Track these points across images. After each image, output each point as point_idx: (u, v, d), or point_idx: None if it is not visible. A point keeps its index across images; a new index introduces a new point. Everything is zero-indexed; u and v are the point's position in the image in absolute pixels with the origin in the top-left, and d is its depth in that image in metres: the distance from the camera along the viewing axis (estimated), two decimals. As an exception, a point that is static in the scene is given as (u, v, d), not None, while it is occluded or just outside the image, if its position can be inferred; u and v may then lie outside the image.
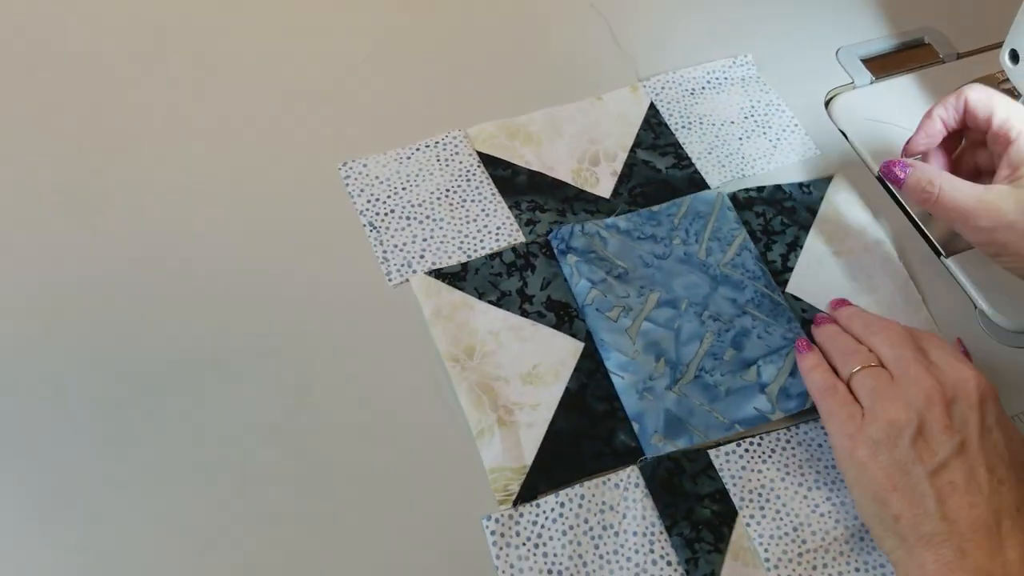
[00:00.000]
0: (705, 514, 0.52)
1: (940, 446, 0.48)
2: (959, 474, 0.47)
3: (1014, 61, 0.61)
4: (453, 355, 0.56)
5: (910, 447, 0.48)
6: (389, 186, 0.63)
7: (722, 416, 0.55)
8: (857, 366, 0.53)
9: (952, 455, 0.48)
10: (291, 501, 0.51)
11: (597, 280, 0.59)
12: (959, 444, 0.48)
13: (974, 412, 0.49)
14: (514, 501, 0.52)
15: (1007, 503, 0.47)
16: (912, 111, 0.71)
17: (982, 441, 0.49)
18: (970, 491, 0.47)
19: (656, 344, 0.57)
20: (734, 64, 0.72)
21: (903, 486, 0.48)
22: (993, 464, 0.48)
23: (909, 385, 0.50)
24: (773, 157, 0.68)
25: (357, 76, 0.70)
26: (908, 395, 0.50)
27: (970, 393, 0.50)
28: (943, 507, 0.47)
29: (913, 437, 0.48)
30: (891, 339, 0.53)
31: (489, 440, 0.53)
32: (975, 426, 0.49)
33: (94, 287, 0.57)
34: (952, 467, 0.48)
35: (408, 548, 0.50)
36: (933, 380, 0.50)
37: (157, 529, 0.50)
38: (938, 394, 0.49)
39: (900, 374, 0.51)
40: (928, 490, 0.47)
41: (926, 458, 0.48)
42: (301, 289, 0.59)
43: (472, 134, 0.67)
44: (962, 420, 0.49)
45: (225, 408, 0.54)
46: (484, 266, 0.60)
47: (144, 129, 0.65)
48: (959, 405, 0.49)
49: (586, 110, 0.69)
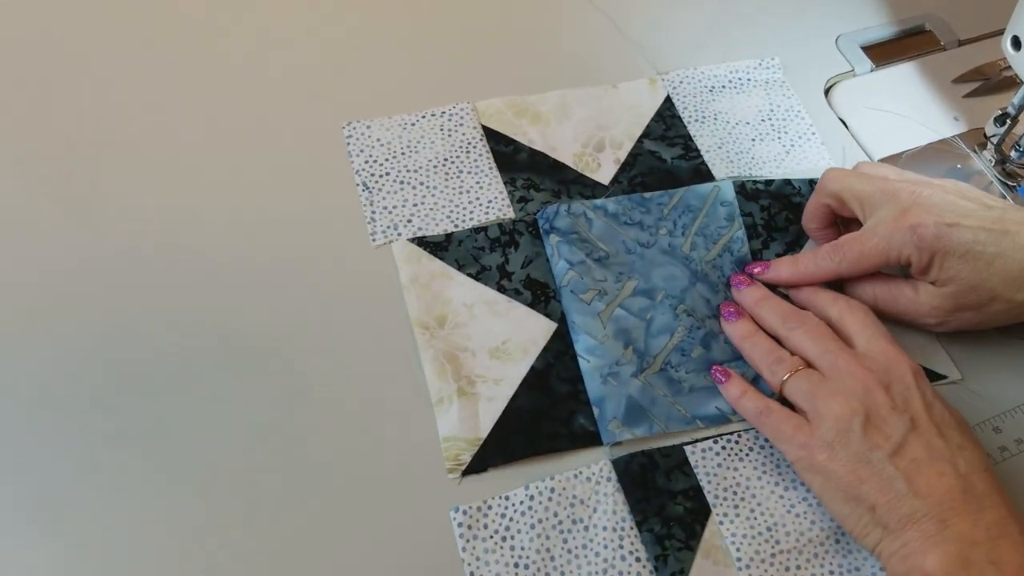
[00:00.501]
0: (677, 511, 0.52)
1: (892, 428, 0.48)
2: (919, 449, 0.47)
3: (1016, 48, 0.60)
4: (423, 322, 0.56)
5: (863, 437, 0.48)
6: (388, 149, 0.64)
7: (684, 410, 0.55)
8: (785, 373, 0.52)
9: (907, 433, 0.48)
10: (240, 449, 0.52)
11: (576, 261, 0.59)
12: (909, 421, 0.48)
13: (913, 390, 0.49)
14: (463, 471, 0.52)
15: (974, 465, 0.47)
16: (913, 99, 0.70)
17: (929, 414, 0.49)
18: (934, 462, 0.47)
19: (627, 332, 0.57)
20: (759, 66, 0.71)
21: (869, 476, 0.47)
22: (947, 433, 0.48)
23: (843, 378, 0.50)
24: (784, 162, 0.66)
25: (374, 42, 0.70)
26: (845, 388, 0.49)
27: (904, 373, 0.50)
28: (913, 484, 0.46)
29: (863, 426, 0.48)
30: (811, 333, 0.53)
31: (447, 409, 0.54)
32: (919, 402, 0.49)
33: (82, 274, 0.58)
34: (910, 445, 0.47)
35: (357, 520, 0.51)
36: (865, 369, 0.50)
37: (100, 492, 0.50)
38: (874, 380, 0.49)
39: (830, 369, 0.51)
40: (894, 472, 0.47)
41: (882, 443, 0.48)
42: (285, 242, 0.60)
43: (480, 108, 0.67)
44: (904, 399, 0.49)
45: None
46: (468, 238, 0.60)
47: (146, 90, 0.66)
48: (897, 386, 0.49)
49: (599, 96, 0.69)
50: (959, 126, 0.69)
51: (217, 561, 0.49)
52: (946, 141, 0.68)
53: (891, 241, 0.54)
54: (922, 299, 0.56)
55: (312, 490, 0.51)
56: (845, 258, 0.56)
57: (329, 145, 0.64)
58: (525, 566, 0.49)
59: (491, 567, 0.49)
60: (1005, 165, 0.66)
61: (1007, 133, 0.66)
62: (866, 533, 0.48)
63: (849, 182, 0.57)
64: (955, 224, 0.53)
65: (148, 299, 0.57)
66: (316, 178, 0.62)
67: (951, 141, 0.68)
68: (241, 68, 0.68)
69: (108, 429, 0.52)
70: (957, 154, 0.68)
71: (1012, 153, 0.65)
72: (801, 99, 0.70)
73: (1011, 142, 0.66)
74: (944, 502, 0.46)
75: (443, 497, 0.51)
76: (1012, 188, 0.66)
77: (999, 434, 0.56)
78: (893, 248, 0.54)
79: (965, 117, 0.69)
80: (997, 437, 0.56)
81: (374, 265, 0.59)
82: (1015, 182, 0.66)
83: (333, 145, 0.64)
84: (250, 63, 0.68)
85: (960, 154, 0.68)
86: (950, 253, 0.53)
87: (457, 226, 0.61)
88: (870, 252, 0.55)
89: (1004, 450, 0.55)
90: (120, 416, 0.52)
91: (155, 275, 0.58)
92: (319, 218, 0.61)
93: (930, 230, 0.53)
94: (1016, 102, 0.64)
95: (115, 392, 0.53)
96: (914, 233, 0.53)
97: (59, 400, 0.53)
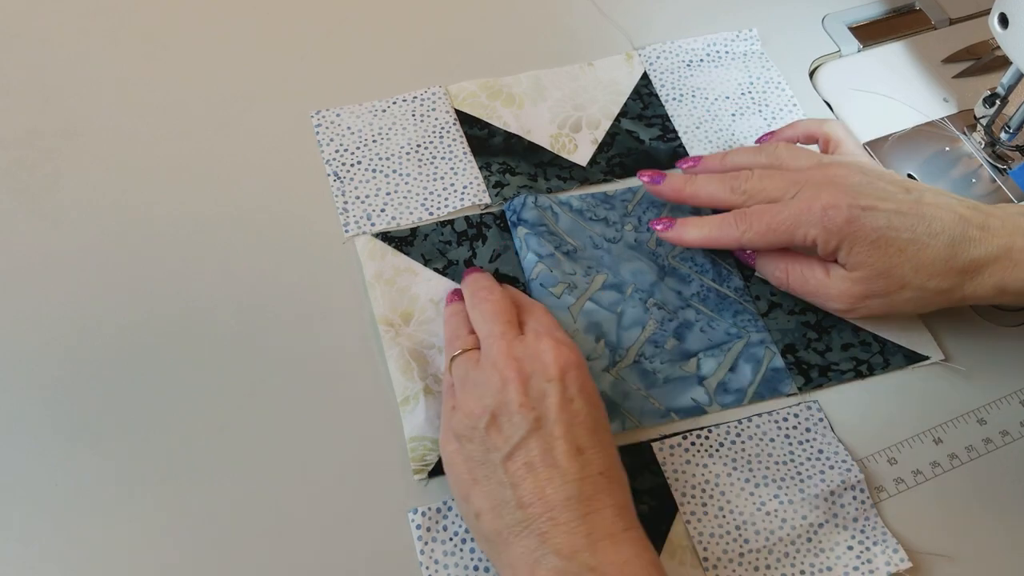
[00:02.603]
0: (641, 510, 0.50)
1: (514, 428, 0.46)
2: (535, 452, 0.45)
3: (1003, 25, 0.57)
4: (388, 319, 0.56)
5: (485, 436, 0.46)
6: (359, 137, 0.63)
7: (658, 403, 0.54)
8: (457, 351, 0.51)
9: (528, 433, 0.45)
10: (199, 446, 0.52)
11: (545, 254, 0.58)
12: (534, 420, 0.46)
13: (553, 385, 0.47)
14: (430, 472, 0.51)
15: (590, 470, 0.45)
16: (901, 80, 0.68)
17: (561, 413, 0.46)
18: (547, 466, 0.45)
19: (598, 325, 0.56)
20: (737, 38, 0.69)
21: (482, 478, 0.46)
22: (574, 434, 0.46)
23: (488, 368, 0.48)
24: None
25: (342, 27, 0.68)
26: (485, 380, 0.48)
27: (548, 366, 0.47)
28: (518, 492, 0.44)
29: (488, 425, 0.46)
30: (485, 313, 0.51)
31: (413, 408, 0.53)
32: (555, 398, 0.46)
33: (42, 265, 0.57)
34: (528, 446, 0.45)
35: (318, 518, 0.51)
36: (511, 358, 0.48)
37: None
38: (515, 372, 0.47)
39: (484, 355, 0.49)
40: (504, 477, 0.45)
41: (500, 444, 0.46)
42: (255, 237, 0.59)
43: (453, 91, 0.65)
44: (540, 394, 0.47)
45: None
46: (434, 232, 0.59)
47: (109, 83, 0.65)
48: (537, 379, 0.47)
49: (575, 75, 0.67)
50: (949, 107, 0.67)
51: (167, 561, 0.49)
52: (935, 123, 0.66)
53: (799, 219, 0.53)
54: (832, 282, 0.54)
55: (272, 490, 0.51)
56: (751, 228, 0.54)
57: (298, 135, 0.63)
58: (486, 568, 0.49)
59: (449, 570, 0.49)
60: (995, 147, 0.64)
61: (997, 114, 0.63)
62: (479, 541, 0.47)
63: (757, 186, 0.55)
64: (870, 207, 0.51)
65: (108, 290, 0.56)
66: (285, 169, 0.61)
67: (940, 123, 0.66)
68: (207, 56, 0.66)
69: (58, 422, 0.52)
70: (946, 136, 0.66)
71: (1002, 135, 0.63)
72: (785, 81, 0.68)
73: (1001, 123, 0.63)
74: (544, 513, 0.44)
75: (409, 498, 0.51)
76: (1002, 171, 0.64)
77: (983, 426, 0.55)
78: (800, 227, 0.53)
79: (955, 98, 0.67)
80: (981, 429, 0.55)
81: (344, 259, 0.58)
82: (1006, 164, 0.64)
83: (302, 135, 0.63)
84: (216, 50, 0.67)
85: (949, 136, 0.66)
86: (860, 239, 0.51)
87: (432, 213, 0.60)
88: (777, 227, 0.53)
89: (988, 442, 0.55)
90: (73, 412, 0.52)
91: (116, 266, 0.57)
92: (288, 211, 0.60)
93: (842, 213, 0.51)
94: (1006, 82, 0.62)
95: (71, 385, 0.53)
96: (824, 215, 0.52)
97: (11, 391, 0.53)
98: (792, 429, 0.54)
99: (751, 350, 0.56)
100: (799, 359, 0.56)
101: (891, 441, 0.54)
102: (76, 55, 0.66)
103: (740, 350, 0.56)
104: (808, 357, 0.56)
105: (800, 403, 0.55)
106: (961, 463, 0.54)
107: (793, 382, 0.55)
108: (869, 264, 0.52)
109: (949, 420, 0.55)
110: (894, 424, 0.55)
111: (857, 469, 0.52)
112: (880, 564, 0.50)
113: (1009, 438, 0.55)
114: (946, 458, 0.54)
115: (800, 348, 0.56)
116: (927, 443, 0.54)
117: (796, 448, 0.53)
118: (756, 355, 0.56)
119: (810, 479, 0.52)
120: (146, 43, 0.67)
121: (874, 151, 0.65)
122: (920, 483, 0.53)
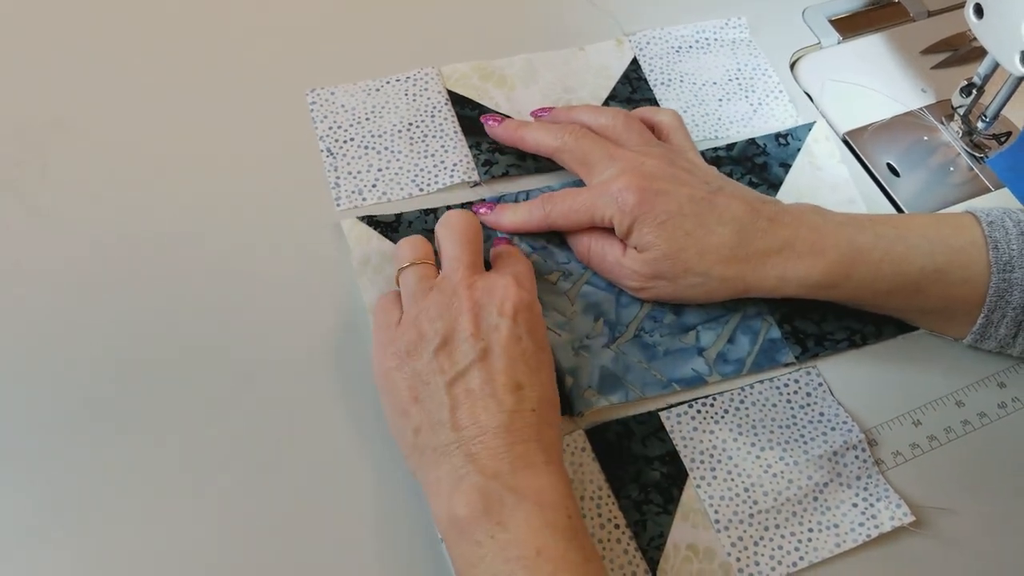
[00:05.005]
0: (654, 476, 0.51)
1: (463, 355, 0.47)
2: (476, 381, 0.47)
3: (978, 15, 0.59)
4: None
5: (433, 358, 0.48)
6: (353, 115, 0.63)
7: (659, 374, 0.54)
8: (406, 263, 0.53)
9: (473, 362, 0.47)
10: (185, 438, 0.51)
11: (538, 247, 0.58)
12: (482, 351, 0.47)
13: (505, 320, 0.48)
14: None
15: (524, 405, 0.47)
16: (881, 71, 0.70)
17: (508, 348, 0.48)
18: (485, 395, 0.46)
19: (596, 306, 0.56)
20: (726, 26, 0.71)
21: (423, 397, 0.47)
22: (515, 370, 0.47)
23: (447, 291, 0.50)
24: (751, 122, 0.66)
25: (338, 7, 0.68)
26: (441, 303, 0.49)
27: (503, 301, 0.49)
28: (454, 415, 0.46)
29: (438, 348, 0.48)
30: (456, 234, 0.53)
31: None
32: (504, 333, 0.48)
33: (30, 258, 0.56)
34: (471, 375, 0.47)
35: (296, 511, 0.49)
36: (472, 287, 0.50)
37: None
38: (469, 304, 0.49)
39: (445, 277, 0.51)
40: (444, 399, 0.46)
41: (447, 368, 0.47)
42: (247, 214, 0.58)
43: (445, 72, 0.65)
44: (490, 327, 0.48)
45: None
46: (418, 220, 0.59)
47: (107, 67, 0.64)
48: (489, 312, 0.49)
49: (567, 59, 0.67)
50: (927, 98, 0.69)
51: (167, 561, 0.47)
52: (913, 113, 0.68)
53: (596, 201, 0.55)
54: (625, 262, 0.55)
55: (258, 484, 0.50)
56: (555, 209, 0.56)
57: (292, 112, 0.62)
58: None
59: None
60: (972, 136, 0.66)
61: (974, 103, 0.65)
62: (409, 456, 0.48)
63: (577, 143, 0.57)
64: (663, 191, 0.53)
65: (99, 276, 0.55)
66: (279, 147, 0.61)
67: (918, 113, 0.68)
68: (201, 36, 0.66)
69: (45, 420, 0.50)
70: (924, 126, 0.67)
71: (979, 124, 0.65)
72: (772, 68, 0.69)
73: (978, 112, 0.65)
74: (475, 437, 0.45)
75: (396, 483, 0.50)
76: (979, 159, 0.66)
77: (1003, 390, 0.57)
78: (598, 208, 0.54)
79: (933, 88, 0.69)
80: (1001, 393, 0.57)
81: (335, 240, 0.58)
82: (983, 153, 0.66)
83: (296, 112, 0.62)
84: (211, 30, 0.66)
85: (927, 126, 0.68)
86: (650, 220, 0.53)
87: (422, 189, 0.60)
88: (578, 208, 0.55)
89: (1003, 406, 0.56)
90: (60, 408, 0.51)
91: (109, 248, 0.56)
92: (279, 189, 0.59)
93: (634, 195, 0.53)
94: (982, 72, 0.64)
95: (60, 381, 0.51)
96: (619, 196, 0.53)
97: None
98: (793, 394, 0.55)
99: (748, 322, 0.57)
100: (796, 328, 0.57)
101: (910, 406, 0.56)
102: (66, 38, 0.65)
103: (737, 322, 0.57)
104: (804, 327, 0.57)
105: (800, 368, 0.56)
106: (974, 428, 0.55)
107: (790, 351, 0.56)
108: (656, 245, 0.53)
109: (968, 385, 0.57)
110: (907, 393, 0.56)
111: (858, 429, 0.53)
112: (884, 519, 0.51)
113: (1019, 403, 0.56)
114: (959, 424, 0.55)
115: (796, 318, 0.57)
116: (949, 406, 0.56)
117: (798, 412, 0.54)
118: (753, 327, 0.57)
119: (813, 441, 0.53)
120: (139, 21, 0.66)
121: (854, 141, 0.66)
122: (935, 447, 0.54)
